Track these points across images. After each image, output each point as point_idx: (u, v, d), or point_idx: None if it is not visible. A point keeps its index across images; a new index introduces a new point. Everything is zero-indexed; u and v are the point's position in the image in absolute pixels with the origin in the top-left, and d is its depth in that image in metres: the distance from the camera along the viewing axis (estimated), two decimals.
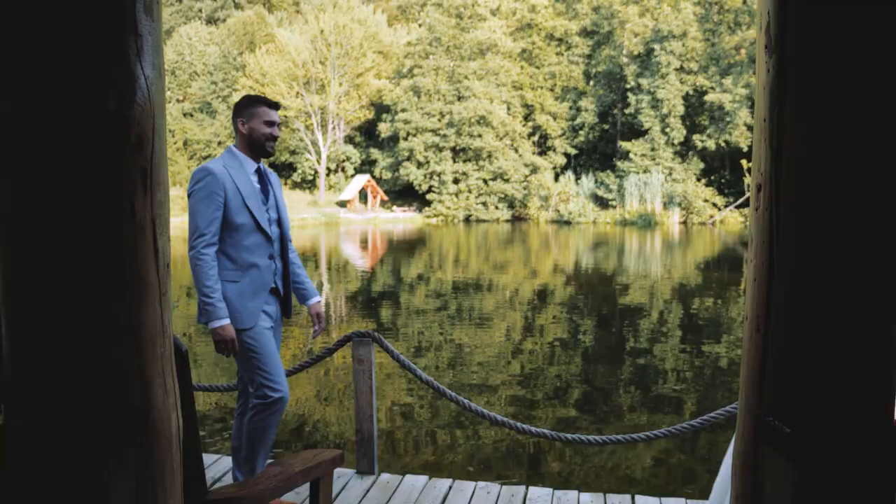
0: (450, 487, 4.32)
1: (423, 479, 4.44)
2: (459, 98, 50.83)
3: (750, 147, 45.08)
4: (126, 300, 1.36)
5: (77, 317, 1.32)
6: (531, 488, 4.29)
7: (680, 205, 46.57)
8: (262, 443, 3.72)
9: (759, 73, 1.39)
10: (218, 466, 4.64)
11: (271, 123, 3.67)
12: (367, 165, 56.28)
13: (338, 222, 48.75)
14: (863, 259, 1.24)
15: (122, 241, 1.34)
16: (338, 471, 4.46)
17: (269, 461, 2.93)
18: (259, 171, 3.72)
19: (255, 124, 3.64)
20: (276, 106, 3.72)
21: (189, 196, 3.57)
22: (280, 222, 3.79)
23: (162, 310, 1.44)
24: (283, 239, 3.80)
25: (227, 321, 3.48)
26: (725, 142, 46.32)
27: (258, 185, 3.68)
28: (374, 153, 55.08)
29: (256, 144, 3.67)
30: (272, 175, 3.84)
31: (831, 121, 1.23)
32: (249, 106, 3.67)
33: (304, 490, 3.93)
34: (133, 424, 1.37)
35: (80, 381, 1.33)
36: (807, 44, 1.26)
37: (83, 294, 1.32)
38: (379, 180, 54.49)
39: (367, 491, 4.26)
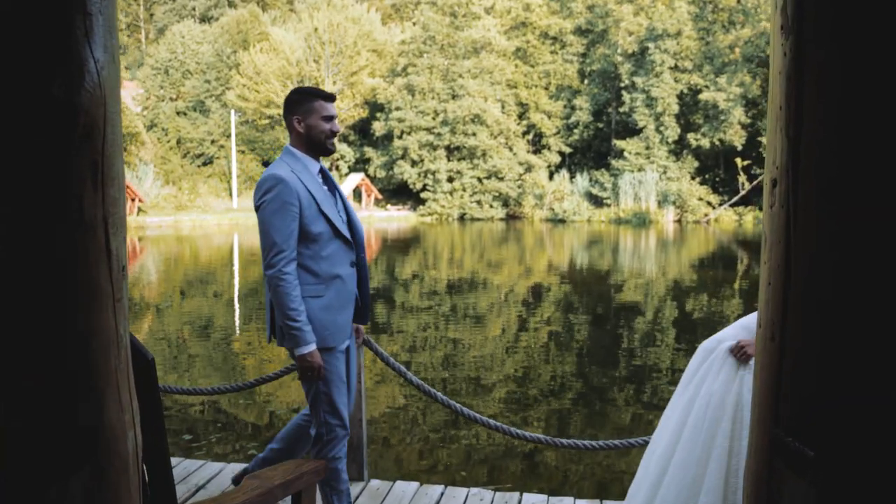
0: (441, 494, 4.20)
1: (414, 485, 4.32)
2: (454, 96, 50.65)
3: (744, 145, 45.12)
4: (74, 307, 1.22)
5: (18, 325, 1.19)
6: (525, 495, 4.17)
7: (674, 203, 46.47)
8: (339, 479, 3.45)
9: (775, 57, 1.26)
10: (203, 472, 4.50)
11: (330, 118, 3.34)
12: (361, 164, 56.06)
13: None
14: (890, 255, 1.11)
15: (69, 241, 1.21)
16: None
17: (249, 474, 2.81)
18: (322, 172, 3.43)
19: (313, 121, 3.31)
20: (332, 98, 3.38)
21: (258, 208, 3.23)
22: (352, 224, 3.46)
23: (116, 317, 1.30)
24: (359, 243, 3.47)
25: (314, 346, 3.18)
26: (720, 140, 46.22)
27: (325, 187, 3.38)
28: (369, 152, 54.85)
29: (316, 143, 3.35)
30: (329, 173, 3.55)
31: (855, 103, 1.11)
32: (304, 101, 3.34)
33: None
34: (81, 445, 1.23)
35: (20, 398, 1.19)
36: (826, 21, 1.14)
37: (25, 300, 1.19)
38: (373, 179, 54.31)
39: (357, 498, 4.13)
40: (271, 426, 7.19)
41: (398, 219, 51.16)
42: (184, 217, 45.82)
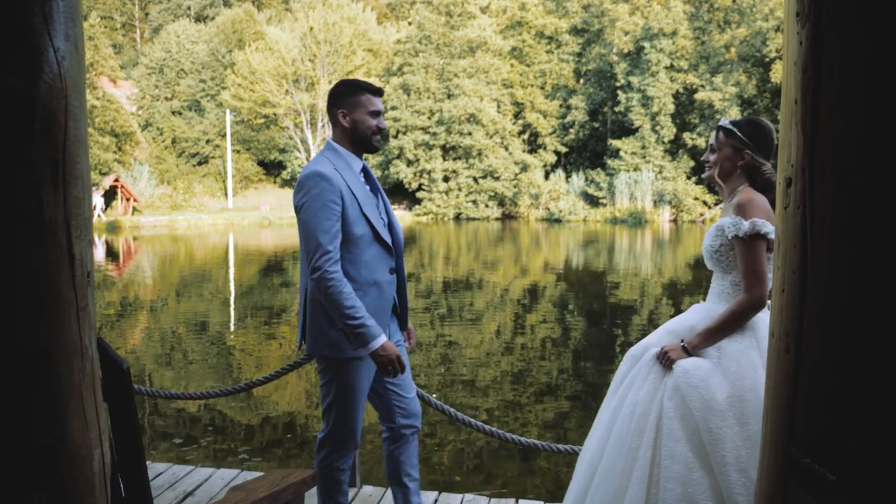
0: (435, 500, 4.11)
1: None
2: (449, 96, 50.56)
3: None
4: (32, 316, 1.13)
5: None
6: (521, 501, 4.08)
7: (670, 203, 46.44)
8: (340, 491, 3.33)
9: (789, 46, 1.17)
10: (191, 479, 4.40)
11: (377, 113, 3.16)
12: None
13: None
14: None
15: (27, 245, 1.11)
16: None
17: (233, 486, 2.69)
18: (365, 170, 3.23)
19: (358, 115, 3.13)
20: (380, 92, 3.22)
21: (299, 208, 3.04)
22: (392, 227, 3.27)
23: (80, 327, 1.21)
24: (398, 247, 3.28)
25: (384, 338, 2.99)
26: None
27: (367, 187, 3.20)
28: None
29: (361, 139, 3.16)
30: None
31: (879, 94, 1.02)
32: (351, 94, 3.15)
33: None
34: (40, 465, 1.14)
35: None
36: (847, 5, 1.05)
37: None
38: None
39: None
40: (264, 428, 7.10)
41: None
42: (179, 217, 45.68)
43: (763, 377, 2.49)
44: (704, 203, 46.76)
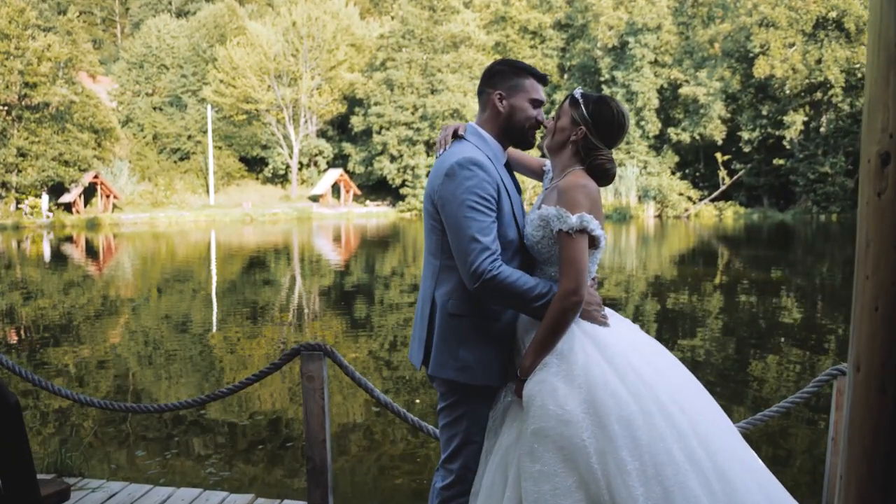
0: None
1: None
2: (433, 91, 50.27)
3: (724, 140, 45.05)
4: None
5: None
6: None
7: (655, 198, 46.39)
8: None
9: None
10: (148, 501, 4.06)
11: (538, 103, 2.64)
12: (339, 160, 55.59)
13: (310, 217, 48.10)
14: None
15: None
16: (287, 503, 3.91)
17: None
18: (509, 167, 2.71)
19: (518, 101, 2.60)
20: (545, 80, 2.67)
21: (446, 200, 2.48)
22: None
23: None
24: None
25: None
26: (700, 135, 46.20)
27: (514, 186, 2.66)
28: (347, 147, 54.41)
29: (517, 129, 2.64)
30: None
31: None
32: (513, 75, 2.62)
33: None
34: None
35: None
36: None
37: None
38: (352, 174, 53.86)
39: None
40: (232, 441, 6.71)
41: (377, 215, 50.76)
42: (160, 214, 45.17)
43: (608, 372, 2.29)
44: (689, 199, 46.74)
